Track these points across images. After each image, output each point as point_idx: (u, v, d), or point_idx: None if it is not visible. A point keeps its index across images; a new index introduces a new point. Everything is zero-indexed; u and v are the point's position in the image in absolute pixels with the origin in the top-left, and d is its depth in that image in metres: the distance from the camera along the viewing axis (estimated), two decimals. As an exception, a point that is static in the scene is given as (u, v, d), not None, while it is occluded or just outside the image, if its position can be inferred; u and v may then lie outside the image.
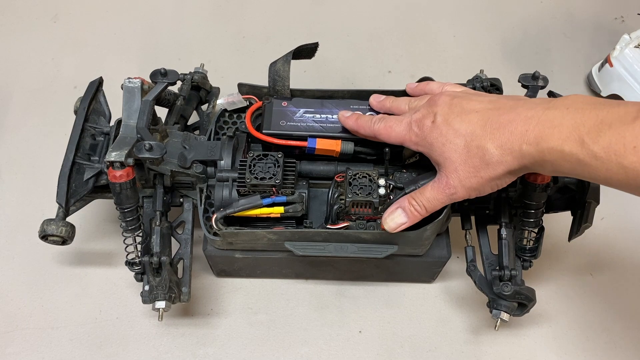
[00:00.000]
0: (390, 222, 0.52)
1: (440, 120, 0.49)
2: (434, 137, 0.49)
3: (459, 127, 0.47)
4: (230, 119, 0.66)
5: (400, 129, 0.52)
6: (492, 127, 0.46)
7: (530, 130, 0.44)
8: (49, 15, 0.92)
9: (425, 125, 0.49)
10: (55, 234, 0.55)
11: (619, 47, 0.78)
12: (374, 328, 0.65)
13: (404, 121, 0.52)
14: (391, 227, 0.52)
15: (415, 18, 0.94)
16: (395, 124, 0.52)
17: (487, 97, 0.50)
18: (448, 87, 0.56)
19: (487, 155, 0.46)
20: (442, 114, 0.49)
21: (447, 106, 0.49)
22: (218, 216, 0.56)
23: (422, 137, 0.50)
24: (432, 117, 0.49)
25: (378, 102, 0.59)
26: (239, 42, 0.90)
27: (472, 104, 0.49)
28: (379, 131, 0.53)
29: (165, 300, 0.56)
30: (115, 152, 0.51)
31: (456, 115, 0.48)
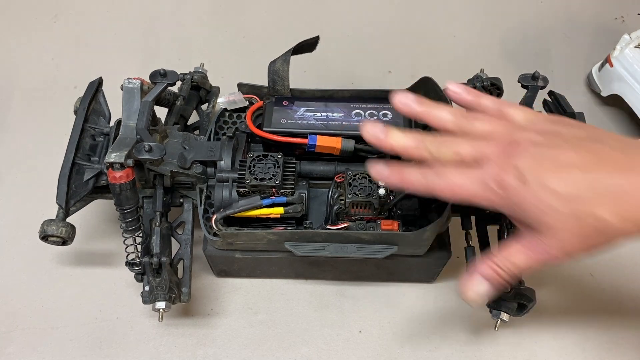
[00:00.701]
0: (471, 294, 0.44)
1: (532, 179, 0.39)
2: (527, 202, 0.39)
3: (559, 189, 0.38)
4: (230, 118, 0.66)
5: (472, 187, 0.41)
6: (604, 191, 0.38)
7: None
8: (49, 15, 0.92)
9: (511, 186, 0.40)
10: (55, 234, 0.55)
11: (619, 47, 0.78)
12: (374, 328, 0.65)
13: (474, 176, 0.41)
14: (472, 299, 0.44)
15: (415, 18, 0.93)
16: (462, 180, 0.41)
17: (580, 143, 0.40)
18: (508, 110, 0.45)
19: (603, 226, 0.38)
20: (531, 170, 0.39)
21: (533, 159, 0.40)
22: (218, 217, 0.56)
23: (508, 200, 0.40)
24: (516, 173, 0.39)
25: (407, 108, 0.46)
26: (239, 42, 0.90)
27: (566, 154, 0.39)
28: (439, 189, 0.42)
29: (165, 300, 0.56)
30: (114, 153, 0.51)
31: (551, 173, 0.39)
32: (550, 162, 0.39)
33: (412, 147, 0.44)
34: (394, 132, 0.45)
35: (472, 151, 0.42)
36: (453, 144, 0.43)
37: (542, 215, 0.39)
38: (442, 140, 0.44)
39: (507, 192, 0.40)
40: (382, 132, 0.45)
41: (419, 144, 0.44)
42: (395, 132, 0.45)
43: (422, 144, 0.44)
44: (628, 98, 0.76)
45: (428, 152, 0.44)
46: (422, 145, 0.44)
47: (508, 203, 0.41)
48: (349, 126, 0.61)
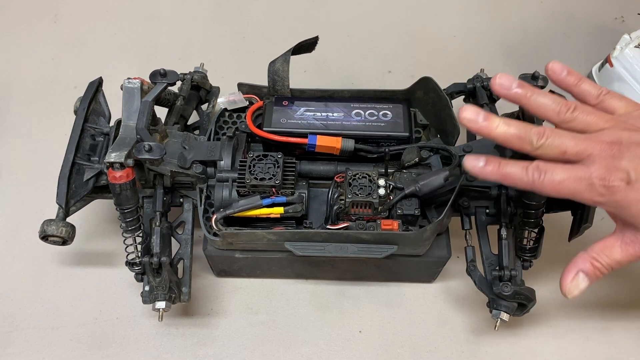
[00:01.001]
0: (574, 291, 0.46)
1: (637, 180, 0.40)
2: (630, 200, 0.41)
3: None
4: (230, 118, 0.66)
5: (576, 186, 0.42)
6: None
7: None
8: (49, 15, 0.92)
9: (616, 187, 0.41)
10: (55, 234, 0.55)
11: (619, 47, 0.78)
12: (374, 328, 0.65)
13: (579, 176, 0.42)
14: (574, 294, 0.46)
15: (415, 18, 0.94)
16: (567, 178, 0.42)
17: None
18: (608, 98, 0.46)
19: None
20: (636, 171, 0.40)
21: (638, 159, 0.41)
22: (218, 217, 0.56)
23: (612, 200, 0.42)
24: (621, 174, 0.41)
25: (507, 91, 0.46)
26: (239, 42, 0.90)
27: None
28: (542, 186, 0.43)
29: (165, 300, 0.56)
30: (114, 153, 0.51)
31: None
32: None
33: (515, 137, 0.44)
34: (496, 119, 0.44)
35: (576, 148, 0.42)
36: (558, 138, 0.43)
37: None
38: (547, 134, 0.43)
39: (613, 193, 0.41)
40: (483, 118, 0.44)
41: (523, 134, 0.43)
42: (498, 120, 0.44)
43: (526, 135, 0.43)
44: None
45: (530, 144, 0.43)
46: (526, 137, 0.43)
47: (612, 202, 0.42)
48: (349, 126, 0.61)
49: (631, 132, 0.42)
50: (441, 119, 0.63)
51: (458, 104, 0.71)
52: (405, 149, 0.60)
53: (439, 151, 0.61)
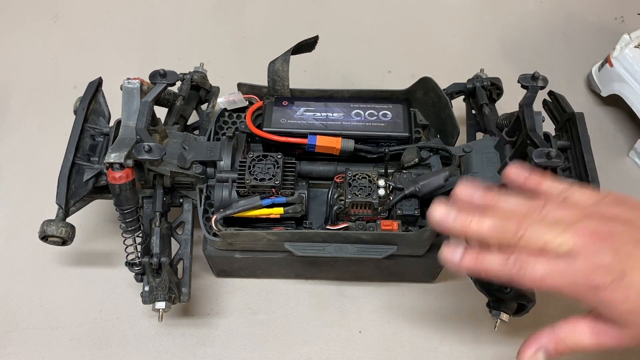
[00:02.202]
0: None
1: (621, 279, 0.39)
2: (614, 300, 0.39)
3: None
4: (230, 118, 0.66)
5: (559, 281, 0.40)
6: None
7: None
8: (49, 15, 0.92)
9: (601, 284, 0.39)
10: (55, 234, 0.55)
11: (619, 47, 0.78)
12: (374, 328, 0.65)
13: (562, 271, 0.40)
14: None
15: (415, 18, 0.93)
16: (549, 274, 0.40)
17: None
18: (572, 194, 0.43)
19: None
20: (620, 268, 0.39)
21: (619, 255, 0.39)
22: (218, 217, 0.56)
23: (595, 297, 0.40)
24: (606, 271, 0.39)
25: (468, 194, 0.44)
26: (239, 42, 0.90)
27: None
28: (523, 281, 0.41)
29: (165, 300, 0.56)
30: (114, 154, 0.51)
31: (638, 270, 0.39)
32: (637, 258, 0.39)
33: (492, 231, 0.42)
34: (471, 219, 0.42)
35: (557, 241, 0.40)
36: (536, 231, 0.41)
37: (627, 314, 0.39)
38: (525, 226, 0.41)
39: (596, 289, 0.39)
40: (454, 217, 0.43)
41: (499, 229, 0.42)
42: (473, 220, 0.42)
43: (503, 229, 0.41)
44: (628, 98, 0.76)
45: (510, 234, 0.41)
46: (502, 231, 0.41)
47: (595, 301, 0.40)
48: (348, 126, 0.61)
49: (606, 222, 0.41)
50: (441, 119, 0.63)
51: (458, 104, 0.71)
52: (405, 149, 0.60)
53: (438, 151, 0.61)
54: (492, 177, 0.59)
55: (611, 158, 0.78)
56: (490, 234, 0.41)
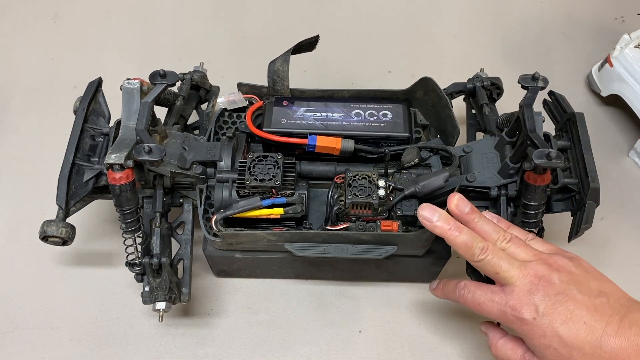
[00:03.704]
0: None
1: (543, 319, 0.47)
2: (534, 334, 0.48)
3: (566, 336, 0.46)
4: (230, 118, 0.66)
5: (492, 310, 0.50)
6: (601, 350, 0.45)
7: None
8: (49, 15, 0.92)
9: (525, 320, 0.48)
10: (55, 235, 0.55)
11: (619, 47, 0.78)
12: (374, 328, 0.65)
13: (496, 301, 0.49)
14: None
15: (415, 18, 0.93)
16: (485, 302, 0.50)
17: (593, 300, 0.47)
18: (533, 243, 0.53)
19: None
20: (546, 311, 0.47)
21: (551, 302, 0.47)
22: (218, 217, 0.56)
23: (521, 329, 0.49)
24: (532, 310, 0.47)
25: (459, 212, 0.53)
26: (239, 42, 0.90)
27: (579, 308, 0.47)
28: (466, 303, 0.52)
29: (165, 301, 0.56)
30: (114, 155, 0.51)
31: (562, 320, 0.46)
32: (564, 311, 0.47)
33: (463, 244, 0.50)
34: (449, 222, 0.51)
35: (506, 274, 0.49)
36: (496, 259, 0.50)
37: (545, 352, 0.48)
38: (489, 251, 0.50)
39: (521, 322, 0.48)
40: (438, 218, 0.51)
41: (470, 244, 0.50)
42: (451, 223, 0.51)
43: (472, 247, 0.50)
44: (628, 98, 0.76)
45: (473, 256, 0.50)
46: (470, 248, 0.50)
47: (519, 330, 0.49)
48: (348, 126, 0.61)
49: (551, 270, 0.49)
50: (441, 119, 0.63)
51: (458, 104, 0.71)
52: (405, 150, 0.60)
53: (438, 151, 0.61)
54: (492, 177, 0.59)
55: (611, 158, 0.78)
56: (460, 247, 0.50)
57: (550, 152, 0.50)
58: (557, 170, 0.58)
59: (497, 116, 0.66)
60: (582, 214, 0.56)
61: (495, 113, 0.67)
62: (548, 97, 0.64)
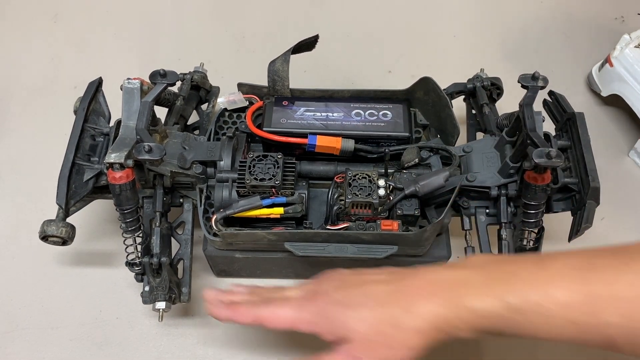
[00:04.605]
0: None
1: (338, 294, 0.46)
2: (334, 312, 0.45)
3: (362, 300, 0.45)
4: (230, 118, 0.66)
5: (289, 311, 0.46)
6: (399, 294, 0.44)
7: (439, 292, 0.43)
8: (49, 15, 0.92)
9: (321, 301, 0.46)
10: (55, 234, 0.55)
11: (619, 47, 0.78)
12: (374, 328, 0.65)
13: (291, 302, 0.47)
14: None
15: (415, 18, 0.93)
16: (280, 308, 0.47)
17: (381, 269, 0.48)
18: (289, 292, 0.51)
19: (400, 323, 0.43)
20: (337, 287, 0.46)
21: (339, 281, 0.47)
22: (218, 217, 0.56)
23: (320, 314, 0.45)
24: (326, 292, 0.46)
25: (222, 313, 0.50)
26: (239, 42, 0.90)
27: (368, 276, 0.47)
28: (264, 317, 0.47)
29: (165, 300, 0.56)
30: (114, 154, 0.51)
31: (355, 287, 0.46)
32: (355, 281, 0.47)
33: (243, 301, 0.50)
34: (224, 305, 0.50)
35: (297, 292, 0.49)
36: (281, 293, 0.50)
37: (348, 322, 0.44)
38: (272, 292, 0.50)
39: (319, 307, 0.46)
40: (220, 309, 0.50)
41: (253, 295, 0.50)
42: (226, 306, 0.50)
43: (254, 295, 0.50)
44: (628, 98, 0.76)
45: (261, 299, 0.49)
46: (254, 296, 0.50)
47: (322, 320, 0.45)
48: (349, 126, 0.61)
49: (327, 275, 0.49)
50: (441, 119, 0.63)
51: (458, 104, 0.71)
52: (405, 149, 0.60)
53: (438, 151, 0.61)
54: (492, 177, 0.59)
55: (611, 158, 0.78)
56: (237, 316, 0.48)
57: (551, 151, 0.50)
58: (557, 169, 0.58)
59: (497, 116, 0.66)
60: (582, 214, 0.56)
61: (495, 113, 0.67)
62: (548, 97, 0.64)
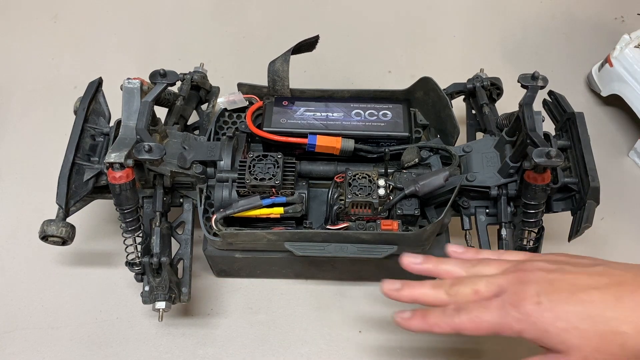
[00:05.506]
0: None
1: (548, 301, 0.41)
2: (547, 322, 0.41)
3: (580, 309, 0.41)
4: (230, 118, 0.66)
5: (492, 317, 0.43)
6: (624, 307, 0.40)
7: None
8: (49, 15, 0.92)
9: (530, 309, 0.42)
10: (55, 234, 0.55)
11: (619, 47, 0.78)
12: (374, 328, 0.65)
13: (492, 306, 0.43)
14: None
15: (415, 18, 0.94)
16: (482, 313, 0.43)
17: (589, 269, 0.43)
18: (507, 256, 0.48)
19: (624, 340, 0.39)
20: (547, 292, 0.42)
21: (547, 283, 0.42)
22: (218, 217, 0.56)
23: (530, 323, 0.42)
24: (533, 297, 0.42)
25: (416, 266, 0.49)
26: (239, 42, 0.90)
27: (580, 278, 0.42)
28: (464, 326, 0.44)
29: (165, 300, 0.56)
30: (114, 154, 0.51)
31: (569, 294, 0.41)
32: (566, 285, 0.42)
33: (430, 296, 0.46)
34: (409, 284, 0.47)
35: (488, 285, 0.44)
36: (469, 282, 0.45)
37: (566, 336, 0.41)
38: (458, 281, 0.46)
39: (527, 315, 0.42)
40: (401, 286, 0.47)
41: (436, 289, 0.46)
42: (411, 284, 0.47)
43: (439, 288, 0.46)
44: (628, 98, 0.76)
45: (446, 294, 0.46)
46: (439, 289, 0.46)
47: (533, 329, 0.42)
48: (349, 126, 0.61)
49: (537, 263, 0.45)
50: (441, 119, 0.63)
51: (458, 104, 0.71)
52: (405, 149, 0.60)
53: (438, 151, 0.61)
54: (492, 177, 0.59)
55: (611, 158, 0.78)
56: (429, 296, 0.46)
57: (550, 151, 0.51)
58: (557, 169, 0.58)
59: (497, 116, 0.66)
60: (582, 214, 0.56)
61: (495, 113, 0.67)
62: (548, 97, 0.64)
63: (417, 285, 0.47)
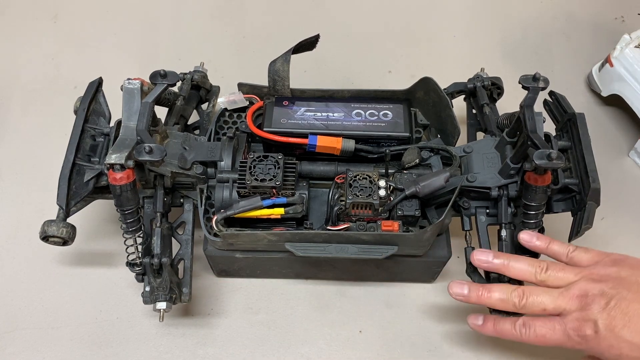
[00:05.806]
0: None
1: (605, 330, 0.47)
2: (603, 348, 0.48)
3: (631, 338, 0.47)
4: (231, 118, 0.66)
5: (556, 337, 0.50)
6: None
7: None
8: (49, 15, 0.92)
9: (589, 336, 0.48)
10: (56, 235, 0.55)
11: (619, 47, 0.78)
12: (374, 328, 0.65)
13: (557, 328, 0.50)
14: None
15: (415, 18, 0.93)
16: (548, 332, 0.50)
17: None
18: (576, 254, 0.54)
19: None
20: (604, 321, 0.48)
21: (606, 312, 0.48)
22: (218, 218, 0.56)
23: (589, 347, 0.49)
24: (592, 325, 0.48)
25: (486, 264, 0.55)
26: (239, 42, 0.90)
27: (634, 307, 0.47)
28: (529, 340, 0.52)
29: (166, 301, 0.56)
30: (115, 155, 0.51)
31: (623, 324, 0.47)
32: (622, 314, 0.47)
33: (499, 301, 0.53)
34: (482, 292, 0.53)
35: (553, 305, 0.51)
36: (536, 297, 0.51)
37: (617, 358, 0.48)
38: (526, 294, 0.52)
39: (586, 340, 0.48)
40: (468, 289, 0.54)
41: (505, 297, 0.52)
42: (481, 289, 0.53)
43: (508, 298, 0.52)
44: (628, 98, 0.76)
45: (514, 305, 0.52)
46: (508, 299, 0.52)
47: (589, 349, 0.49)
48: (349, 126, 0.61)
49: (595, 283, 0.50)
50: (442, 119, 0.63)
51: (458, 104, 0.71)
52: (405, 150, 0.60)
53: (439, 152, 0.61)
54: (492, 178, 0.59)
55: (611, 158, 0.78)
56: (498, 305, 0.53)
57: (551, 153, 0.51)
58: (557, 170, 0.58)
59: (498, 116, 0.66)
60: (582, 214, 0.56)
61: (496, 113, 0.67)
62: (549, 97, 0.64)
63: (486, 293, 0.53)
